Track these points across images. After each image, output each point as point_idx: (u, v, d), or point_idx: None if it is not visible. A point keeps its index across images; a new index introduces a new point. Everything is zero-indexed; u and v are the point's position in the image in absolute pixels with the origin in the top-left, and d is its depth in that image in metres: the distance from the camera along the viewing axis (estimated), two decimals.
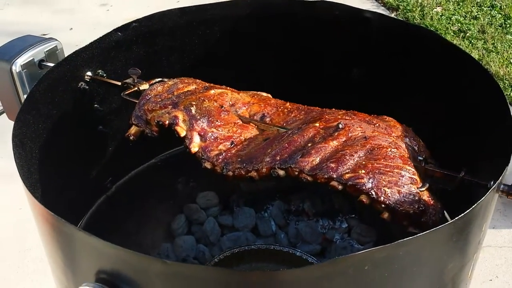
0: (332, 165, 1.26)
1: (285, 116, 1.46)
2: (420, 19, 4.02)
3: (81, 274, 1.17)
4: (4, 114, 1.73)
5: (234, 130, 1.45)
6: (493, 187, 1.10)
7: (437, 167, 1.30)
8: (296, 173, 1.30)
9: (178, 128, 1.44)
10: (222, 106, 1.49)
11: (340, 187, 1.24)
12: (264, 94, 1.57)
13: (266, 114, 1.48)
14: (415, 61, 1.66)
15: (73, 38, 1.57)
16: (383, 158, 1.26)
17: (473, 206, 1.06)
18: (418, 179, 1.24)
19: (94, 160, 1.76)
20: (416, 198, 1.21)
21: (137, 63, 1.66)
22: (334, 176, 1.25)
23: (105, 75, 1.65)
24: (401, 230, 1.24)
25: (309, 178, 1.28)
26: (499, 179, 1.11)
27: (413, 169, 1.25)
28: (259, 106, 1.51)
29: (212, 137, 1.43)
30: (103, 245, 1.04)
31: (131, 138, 1.51)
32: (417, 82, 1.66)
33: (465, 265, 1.22)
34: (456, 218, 1.05)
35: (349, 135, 1.33)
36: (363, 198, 1.21)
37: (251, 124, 1.47)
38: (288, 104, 1.50)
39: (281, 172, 1.32)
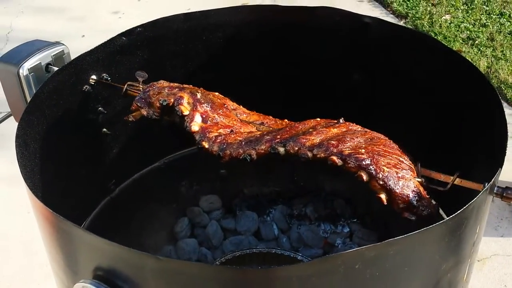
0: (333, 142, 1.28)
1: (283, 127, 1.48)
2: (429, 26, 4.02)
3: (80, 272, 1.18)
4: (12, 117, 1.76)
5: (235, 123, 1.47)
6: (486, 188, 1.10)
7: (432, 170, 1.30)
8: (296, 148, 1.30)
9: (181, 107, 1.45)
10: (224, 105, 1.52)
11: (339, 162, 1.25)
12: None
13: (265, 123, 1.50)
14: (414, 67, 1.66)
15: (84, 45, 1.61)
16: (382, 145, 1.28)
17: (465, 207, 1.07)
18: (414, 169, 1.26)
19: (98, 162, 1.78)
20: (413, 183, 1.22)
21: (141, 67, 1.67)
22: (335, 150, 1.26)
23: (109, 78, 1.67)
24: (403, 233, 1.24)
25: (308, 154, 1.29)
26: (492, 181, 1.11)
27: (410, 161, 1.27)
28: (259, 116, 1.54)
29: (214, 121, 1.44)
30: (100, 242, 1.05)
31: (130, 119, 1.52)
32: (415, 86, 1.66)
33: (460, 267, 1.22)
34: (447, 218, 1.05)
35: (349, 127, 1.36)
36: (362, 173, 1.22)
37: (251, 124, 1.49)
38: (286, 120, 1.52)
39: (281, 149, 1.32)
